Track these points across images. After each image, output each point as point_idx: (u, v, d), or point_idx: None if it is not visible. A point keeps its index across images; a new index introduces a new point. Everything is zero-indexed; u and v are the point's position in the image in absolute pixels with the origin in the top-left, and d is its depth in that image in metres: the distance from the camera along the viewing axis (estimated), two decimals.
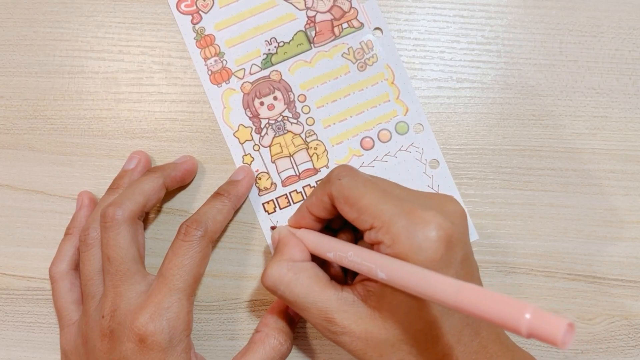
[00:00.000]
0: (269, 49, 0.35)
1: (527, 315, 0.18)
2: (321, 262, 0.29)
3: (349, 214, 0.27)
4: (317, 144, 0.35)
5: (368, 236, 0.26)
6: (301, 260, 0.29)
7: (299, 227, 0.31)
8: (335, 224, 0.31)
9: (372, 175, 0.28)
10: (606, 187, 0.34)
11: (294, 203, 0.35)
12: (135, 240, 0.30)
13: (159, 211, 0.35)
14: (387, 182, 0.28)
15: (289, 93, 0.35)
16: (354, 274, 0.29)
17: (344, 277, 0.31)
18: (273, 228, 0.34)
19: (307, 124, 0.35)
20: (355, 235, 0.31)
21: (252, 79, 0.35)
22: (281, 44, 0.35)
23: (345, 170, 0.28)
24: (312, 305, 0.27)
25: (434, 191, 0.34)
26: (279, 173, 0.35)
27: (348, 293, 0.27)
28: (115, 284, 0.29)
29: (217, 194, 0.32)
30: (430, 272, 0.22)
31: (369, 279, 0.26)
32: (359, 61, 0.35)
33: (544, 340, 0.18)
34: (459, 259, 0.25)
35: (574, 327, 0.18)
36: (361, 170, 0.35)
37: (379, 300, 0.26)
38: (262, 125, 0.35)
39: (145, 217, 0.33)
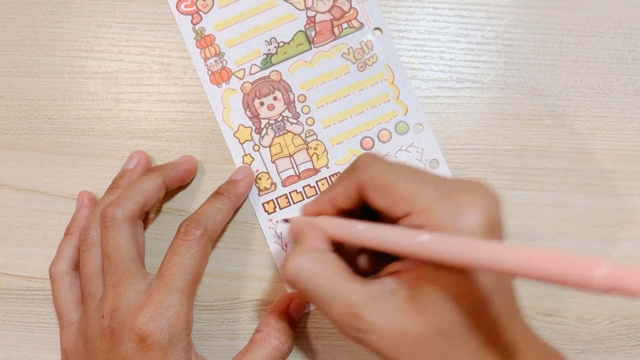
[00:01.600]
0: (269, 49, 0.35)
1: (604, 269, 0.17)
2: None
3: (381, 202, 0.25)
4: (317, 144, 0.35)
5: (403, 224, 0.25)
6: (324, 250, 0.27)
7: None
8: (352, 215, 0.29)
9: (399, 161, 0.27)
10: (606, 187, 0.34)
11: (294, 203, 0.35)
12: (135, 240, 0.30)
13: (159, 211, 0.35)
14: (417, 168, 0.26)
15: (289, 93, 0.35)
16: (369, 268, 0.28)
17: (369, 270, 0.29)
18: (286, 221, 0.32)
19: (307, 124, 0.35)
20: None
21: (252, 79, 0.35)
22: (281, 44, 0.35)
23: (371, 157, 0.27)
24: (336, 299, 0.25)
25: None
26: (279, 173, 0.35)
27: (375, 286, 0.25)
28: (115, 284, 0.29)
29: (217, 194, 0.32)
30: (484, 240, 0.21)
31: (400, 271, 0.25)
32: (358, 61, 0.35)
33: (625, 293, 0.17)
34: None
35: None
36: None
37: (412, 291, 0.24)
38: (262, 126, 0.35)
39: (145, 217, 0.33)
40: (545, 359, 0.26)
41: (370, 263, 0.29)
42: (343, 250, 0.29)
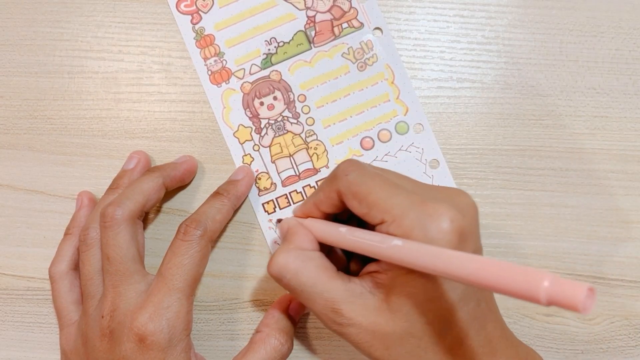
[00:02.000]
0: (269, 49, 0.35)
1: (546, 283, 0.18)
2: (327, 254, 0.29)
3: (358, 209, 0.26)
4: (317, 144, 0.35)
5: (379, 231, 0.26)
6: (309, 249, 0.28)
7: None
8: (342, 216, 0.31)
9: (380, 168, 0.28)
10: (606, 187, 0.34)
11: (293, 203, 0.35)
12: (134, 240, 0.30)
13: (158, 211, 0.35)
14: (396, 175, 0.28)
15: (289, 93, 0.35)
16: (359, 268, 0.29)
17: (348, 270, 0.30)
18: (279, 221, 0.33)
19: (307, 124, 0.35)
20: (363, 227, 0.30)
21: (252, 79, 0.35)
22: (281, 44, 0.35)
23: (352, 165, 0.27)
24: (318, 295, 0.26)
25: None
26: (278, 173, 0.35)
27: (356, 284, 0.27)
28: (115, 284, 0.29)
29: (217, 194, 0.32)
30: (445, 249, 0.22)
31: (377, 271, 0.26)
32: (358, 61, 0.35)
33: (565, 307, 0.17)
34: (471, 252, 0.25)
35: (594, 292, 0.17)
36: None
37: (388, 292, 0.26)
38: (262, 125, 0.35)
39: (145, 217, 0.33)
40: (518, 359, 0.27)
41: (356, 265, 0.31)
42: (334, 251, 0.31)
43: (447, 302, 0.25)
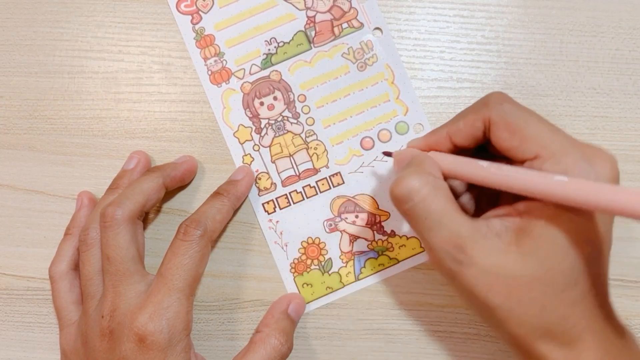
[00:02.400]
0: (269, 49, 0.35)
1: None
2: None
3: (507, 141, 0.25)
4: (317, 144, 0.35)
5: (530, 166, 0.25)
6: (439, 178, 0.26)
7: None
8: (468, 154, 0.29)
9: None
10: None
11: (293, 203, 0.35)
12: (134, 240, 0.30)
13: (158, 211, 0.35)
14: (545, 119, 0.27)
15: (289, 93, 0.35)
16: (474, 213, 0.28)
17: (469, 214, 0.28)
18: (387, 154, 0.32)
19: (307, 124, 0.35)
20: None
21: (252, 79, 0.35)
22: (281, 44, 0.35)
23: (505, 97, 0.26)
24: (444, 227, 0.24)
25: None
26: (278, 173, 0.35)
27: (482, 224, 0.25)
28: (115, 284, 0.29)
29: (217, 194, 0.32)
30: (623, 187, 0.21)
31: (509, 214, 0.25)
32: (358, 61, 0.35)
33: None
34: None
35: None
36: (362, 169, 0.35)
37: (520, 235, 0.24)
38: (262, 125, 0.35)
39: (145, 217, 0.33)
40: (622, 331, 0.26)
41: (471, 207, 0.29)
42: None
43: (587, 254, 0.24)
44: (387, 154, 0.32)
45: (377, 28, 0.35)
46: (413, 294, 0.34)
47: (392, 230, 0.34)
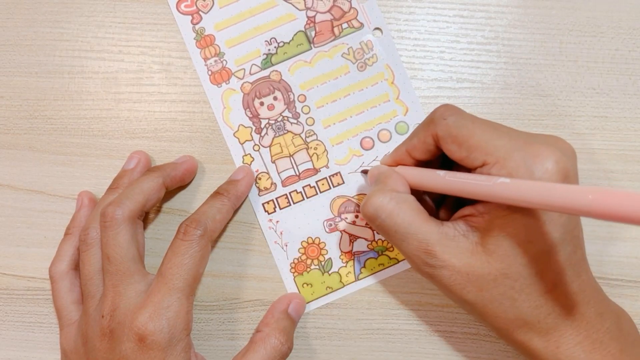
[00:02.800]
0: (269, 49, 0.35)
1: None
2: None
3: (456, 153, 0.27)
4: (317, 144, 0.35)
5: (481, 173, 0.26)
6: (404, 192, 0.28)
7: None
8: (432, 165, 0.31)
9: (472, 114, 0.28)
10: (606, 187, 0.34)
11: (294, 203, 0.35)
12: (134, 240, 0.30)
13: (159, 211, 0.35)
14: (491, 121, 0.28)
15: (289, 93, 0.35)
16: (448, 216, 0.29)
17: (437, 218, 0.30)
18: (365, 172, 0.34)
19: (307, 124, 0.35)
20: None
21: (252, 79, 0.35)
22: (281, 44, 0.35)
23: (449, 109, 0.27)
24: (412, 236, 0.27)
25: None
26: (279, 173, 0.35)
27: (449, 228, 0.27)
28: (115, 284, 0.29)
29: (217, 193, 0.32)
30: (557, 183, 0.22)
31: (472, 215, 0.26)
32: (358, 61, 0.35)
33: None
34: None
35: None
36: (362, 168, 0.35)
37: (483, 234, 0.26)
38: (262, 126, 0.35)
39: (145, 217, 0.33)
40: (604, 314, 0.27)
41: (445, 213, 0.31)
42: (423, 199, 0.31)
43: (546, 244, 0.25)
44: (365, 171, 0.34)
45: (377, 28, 0.35)
46: (413, 294, 0.34)
47: None
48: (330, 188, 0.35)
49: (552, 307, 0.26)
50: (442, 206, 0.31)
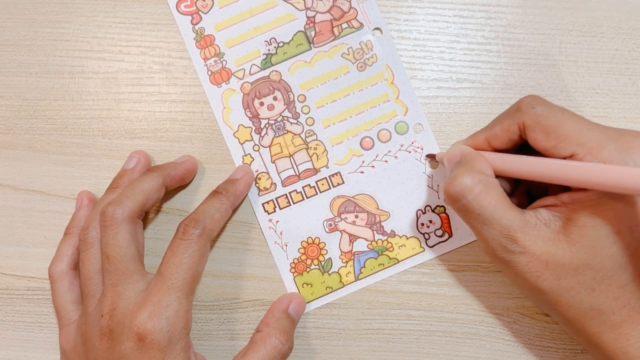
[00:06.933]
0: (269, 49, 0.35)
1: None
2: None
3: (543, 142, 0.27)
4: (317, 144, 0.35)
5: None
6: (490, 176, 0.28)
7: None
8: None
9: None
10: None
11: (293, 203, 0.35)
12: (134, 239, 0.30)
13: (158, 211, 0.35)
14: (577, 114, 0.28)
15: (289, 93, 0.35)
16: (522, 204, 0.29)
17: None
18: (430, 156, 0.34)
19: (306, 124, 0.35)
20: None
21: (251, 79, 0.35)
22: (281, 44, 0.35)
23: (536, 99, 0.28)
24: (496, 221, 0.27)
25: (434, 191, 0.34)
26: (278, 173, 0.35)
27: (530, 216, 0.27)
28: (115, 283, 0.29)
29: (216, 193, 0.32)
30: None
31: (554, 204, 0.26)
32: (358, 61, 0.35)
33: None
34: None
35: None
36: (362, 169, 0.35)
37: (567, 223, 0.26)
38: (262, 126, 0.35)
39: (145, 217, 0.33)
40: None
41: (517, 201, 0.30)
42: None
43: (633, 238, 0.25)
44: (431, 156, 0.34)
45: (377, 28, 0.35)
46: (413, 294, 0.34)
47: (392, 230, 0.34)
48: (330, 188, 0.35)
49: (629, 300, 0.26)
50: (512, 195, 0.31)
